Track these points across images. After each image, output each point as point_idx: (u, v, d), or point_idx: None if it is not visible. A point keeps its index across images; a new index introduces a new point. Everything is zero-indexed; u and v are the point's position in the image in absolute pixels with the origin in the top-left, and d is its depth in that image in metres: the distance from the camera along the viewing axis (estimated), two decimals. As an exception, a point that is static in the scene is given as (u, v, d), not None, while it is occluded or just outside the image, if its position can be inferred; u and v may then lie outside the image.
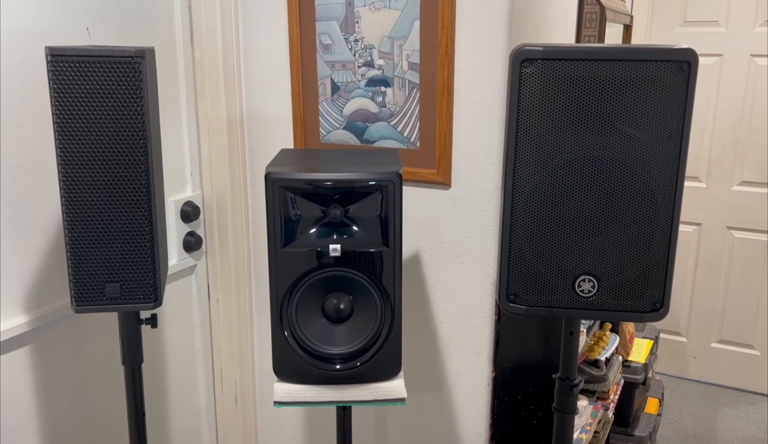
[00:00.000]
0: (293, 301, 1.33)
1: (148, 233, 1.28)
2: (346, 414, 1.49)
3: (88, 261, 1.27)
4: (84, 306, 1.29)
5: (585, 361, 2.29)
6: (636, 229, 1.16)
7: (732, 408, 3.49)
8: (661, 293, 1.19)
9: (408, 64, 1.69)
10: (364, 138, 1.78)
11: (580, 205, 1.16)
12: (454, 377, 1.82)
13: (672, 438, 3.21)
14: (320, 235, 1.32)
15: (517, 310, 1.23)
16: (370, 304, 1.34)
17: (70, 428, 1.66)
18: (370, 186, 1.29)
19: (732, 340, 3.64)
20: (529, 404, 1.78)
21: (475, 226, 1.71)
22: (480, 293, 1.74)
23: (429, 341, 1.83)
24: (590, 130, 1.13)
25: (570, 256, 1.19)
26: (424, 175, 1.72)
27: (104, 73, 1.19)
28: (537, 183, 1.16)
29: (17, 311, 1.51)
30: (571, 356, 1.35)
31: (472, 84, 1.63)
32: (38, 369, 1.57)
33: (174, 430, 2.00)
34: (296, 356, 1.35)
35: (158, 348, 1.90)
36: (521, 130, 1.15)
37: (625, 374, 2.63)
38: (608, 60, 1.10)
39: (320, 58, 1.78)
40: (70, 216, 1.25)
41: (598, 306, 1.21)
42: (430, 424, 1.88)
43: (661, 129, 1.12)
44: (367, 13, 1.70)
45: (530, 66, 1.12)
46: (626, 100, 1.11)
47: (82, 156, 1.23)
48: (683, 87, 1.10)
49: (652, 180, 1.14)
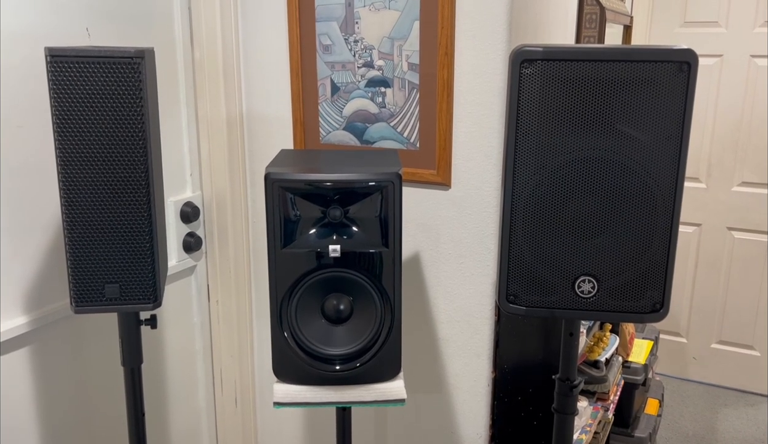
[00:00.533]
0: (293, 302, 1.33)
1: (147, 234, 1.28)
2: (345, 415, 1.49)
3: (87, 261, 1.27)
4: (83, 306, 1.29)
5: (585, 361, 2.29)
6: (636, 230, 1.16)
7: (732, 409, 3.48)
8: (661, 294, 1.19)
9: (408, 65, 1.69)
10: (363, 139, 1.78)
11: (579, 205, 1.16)
12: (454, 378, 1.81)
13: (672, 439, 3.21)
14: (320, 236, 1.32)
15: (517, 310, 1.23)
16: (369, 304, 1.34)
17: (69, 429, 1.66)
18: (370, 187, 1.29)
19: (732, 340, 3.64)
20: (529, 405, 1.78)
21: (475, 227, 1.70)
22: (480, 294, 1.73)
23: (429, 342, 1.83)
24: (590, 131, 1.13)
25: (570, 256, 1.19)
26: (423, 176, 1.72)
27: (104, 73, 1.20)
28: (537, 183, 1.16)
29: (17, 312, 1.50)
30: (571, 357, 1.35)
31: (472, 84, 1.63)
32: (38, 369, 1.56)
33: (174, 431, 2.00)
34: (296, 357, 1.35)
35: (158, 349, 1.90)
36: (521, 131, 1.15)
37: (625, 375, 2.63)
38: (608, 61, 1.10)
39: (320, 58, 1.78)
40: (70, 217, 1.25)
41: (598, 307, 1.21)
42: (429, 425, 1.88)
43: (660, 130, 1.12)
44: (367, 14, 1.70)
45: (530, 66, 1.12)
46: (626, 100, 1.11)
47: (82, 157, 1.23)
48: (683, 88, 1.10)
49: (652, 181, 1.14)
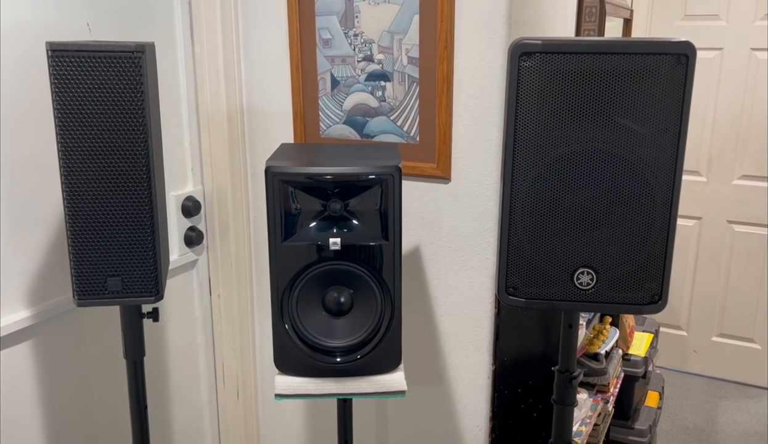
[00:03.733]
0: (294, 295, 1.34)
1: (149, 227, 1.29)
2: (346, 406, 1.50)
3: (89, 255, 1.28)
4: (86, 300, 1.30)
5: (585, 354, 2.29)
6: (634, 222, 1.17)
7: (732, 401, 3.49)
8: (660, 286, 1.20)
9: (407, 59, 1.69)
10: (364, 132, 1.79)
11: (578, 198, 1.17)
12: (455, 370, 1.82)
13: (672, 431, 3.22)
14: (320, 229, 1.32)
15: (517, 302, 1.24)
16: (370, 297, 1.34)
17: (72, 422, 1.67)
18: (370, 180, 1.30)
19: (732, 333, 3.65)
20: (528, 397, 1.78)
21: (475, 220, 1.71)
22: (480, 287, 1.74)
23: (429, 334, 1.84)
24: (589, 124, 1.13)
25: (569, 248, 1.19)
26: (423, 170, 1.73)
27: (104, 68, 1.20)
28: (536, 176, 1.17)
29: (19, 306, 1.51)
30: (571, 349, 1.36)
31: (472, 78, 1.63)
32: (40, 363, 1.57)
33: (176, 424, 2.01)
34: (297, 349, 1.36)
35: (160, 343, 1.91)
36: (520, 124, 1.15)
37: (625, 368, 2.64)
38: (606, 53, 1.10)
39: (320, 52, 1.79)
40: (72, 210, 1.26)
41: (597, 298, 1.22)
42: (430, 417, 1.89)
43: (659, 122, 1.12)
44: (367, 8, 1.70)
45: (529, 59, 1.12)
46: (624, 93, 1.12)
47: (83, 151, 1.23)
48: (681, 80, 1.11)
49: (651, 173, 1.14)
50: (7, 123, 1.44)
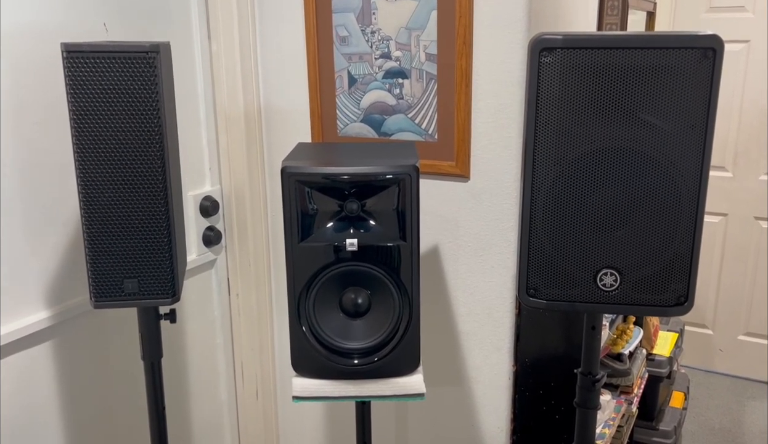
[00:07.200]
0: (311, 296, 1.32)
1: (165, 228, 1.28)
2: (365, 408, 1.48)
3: (106, 257, 1.28)
4: (102, 302, 1.29)
5: (608, 354, 2.26)
6: (659, 222, 1.14)
7: (759, 401, 3.43)
8: (686, 287, 1.16)
9: (425, 55, 1.66)
10: (381, 131, 1.77)
11: (601, 197, 1.14)
12: (475, 372, 1.80)
13: (697, 432, 3.17)
14: (337, 230, 1.31)
15: (538, 304, 1.21)
16: (387, 298, 1.33)
17: (91, 422, 1.68)
18: (387, 179, 1.28)
19: (759, 332, 3.57)
20: (550, 399, 1.76)
21: (495, 219, 1.68)
22: (500, 287, 1.71)
23: (448, 335, 1.81)
24: (612, 121, 1.10)
25: (591, 249, 1.16)
26: (442, 168, 1.70)
27: (119, 68, 1.19)
28: (557, 175, 1.14)
29: (38, 307, 1.52)
30: (594, 351, 1.33)
31: (491, 74, 1.60)
32: (59, 364, 1.58)
33: (196, 425, 2.01)
34: (314, 351, 1.35)
35: (179, 343, 1.91)
36: (540, 121, 1.12)
37: (650, 368, 2.59)
38: (630, 48, 1.07)
39: (337, 50, 1.77)
40: (88, 212, 1.25)
41: (621, 300, 1.18)
42: (450, 419, 1.87)
43: (685, 118, 1.09)
44: (384, 4, 1.68)
45: (549, 55, 1.09)
46: (649, 89, 1.08)
47: (99, 152, 1.23)
48: (708, 75, 1.07)
49: (676, 171, 1.11)
50: (23, 125, 1.44)
